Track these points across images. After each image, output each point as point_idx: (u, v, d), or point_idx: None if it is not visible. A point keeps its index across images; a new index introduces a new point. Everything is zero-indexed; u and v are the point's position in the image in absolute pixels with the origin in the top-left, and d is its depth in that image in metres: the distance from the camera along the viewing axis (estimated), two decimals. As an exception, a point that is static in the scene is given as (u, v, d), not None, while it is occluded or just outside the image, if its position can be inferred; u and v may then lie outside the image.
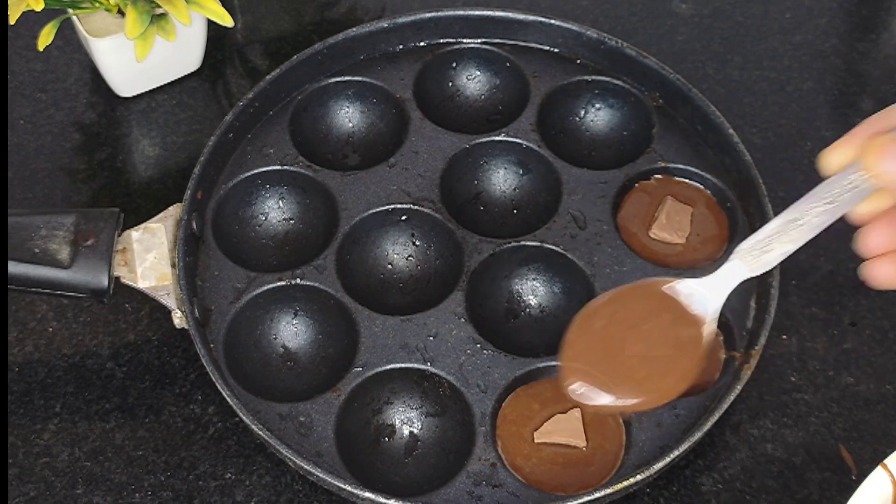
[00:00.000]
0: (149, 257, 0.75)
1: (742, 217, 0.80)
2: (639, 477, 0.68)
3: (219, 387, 0.70)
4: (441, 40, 0.90)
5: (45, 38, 0.82)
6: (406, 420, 0.74)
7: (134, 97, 0.92)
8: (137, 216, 0.78)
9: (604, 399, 0.59)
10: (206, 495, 0.72)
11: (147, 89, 0.92)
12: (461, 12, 0.89)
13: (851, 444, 0.74)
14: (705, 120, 0.83)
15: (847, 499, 0.59)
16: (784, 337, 0.79)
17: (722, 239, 0.80)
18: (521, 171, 0.84)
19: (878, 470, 0.59)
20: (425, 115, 0.85)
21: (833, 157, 0.55)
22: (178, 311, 0.74)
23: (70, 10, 0.85)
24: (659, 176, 0.83)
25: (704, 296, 0.59)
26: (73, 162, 0.89)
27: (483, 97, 0.90)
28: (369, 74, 0.87)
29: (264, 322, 0.77)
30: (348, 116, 0.88)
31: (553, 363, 0.73)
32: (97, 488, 0.72)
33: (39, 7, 0.78)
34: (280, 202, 0.82)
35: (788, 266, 0.81)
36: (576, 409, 0.72)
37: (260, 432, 0.68)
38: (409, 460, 0.73)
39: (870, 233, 0.56)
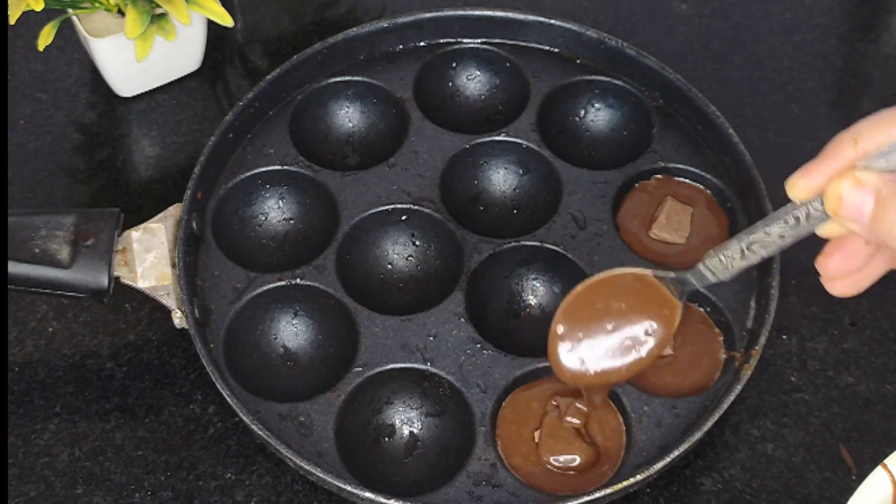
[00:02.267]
0: (149, 257, 0.75)
1: (742, 217, 0.80)
2: (639, 477, 0.68)
3: (219, 387, 0.70)
4: (441, 40, 0.90)
5: (45, 38, 0.82)
6: (406, 420, 0.74)
7: (134, 97, 0.92)
8: (137, 216, 0.78)
9: (573, 356, 0.65)
10: (206, 495, 0.72)
11: (147, 89, 0.92)
12: (461, 12, 0.89)
13: (851, 444, 0.74)
14: (705, 120, 0.83)
15: (847, 499, 0.59)
16: (784, 337, 0.79)
17: (722, 239, 0.80)
18: (521, 171, 0.84)
19: (878, 470, 0.59)
20: (425, 115, 0.85)
21: (800, 187, 0.55)
22: (178, 311, 0.74)
23: (70, 10, 0.85)
24: (659, 176, 0.83)
25: (678, 287, 0.64)
26: (73, 162, 0.89)
27: (483, 97, 0.90)
28: (369, 74, 0.87)
29: (264, 322, 0.77)
30: (348, 116, 0.88)
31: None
32: (97, 488, 0.72)
33: (39, 7, 0.78)
34: (280, 202, 0.82)
35: (788, 266, 0.81)
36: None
37: (260, 432, 0.68)
38: (409, 460, 0.73)
39: (828, 260, 0.57)
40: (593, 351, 0.65)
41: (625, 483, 0.67)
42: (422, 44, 0.89)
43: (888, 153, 0.52)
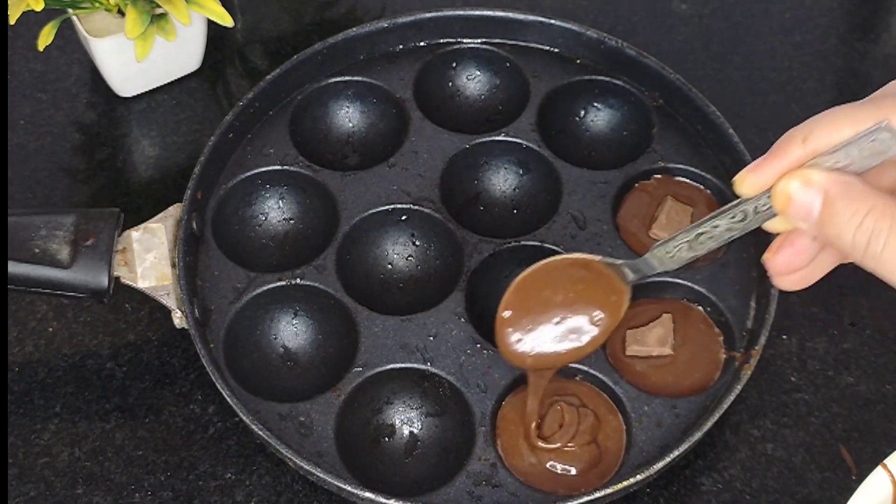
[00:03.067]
0: (149, 257, 0.75)
1: (742, 217, 0.80)
2: (639, 477, 0.68)
3: (219, 387, 0.70)
4: (441, 40, 0.90)
5: (45, 38, 0.82)
6: (406, 420, 0.74)
7: (134, 97, 0.92)
8: (137, 216, 0.78)
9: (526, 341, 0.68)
10: (206, 495, 0.72)
11: (147, 89, 0.92)
12: (461, 12, 0.89)
13: (851, 444, 0.74)
14: (705, 120, 0.83)
15: (847, 499, 0.59)
16: (784, 337, 0.79)
17: (722, 239, 0.80)
18: (521, 171, 0.84)
19: (878, 470, 0.59)
20: (425, 115, 0.85)
21: (748, 183, 0.55)
22: (178, 311, 0.74)
23: (70, 10, 0.85)
24: (659, 176, 0.83)
25: (627, 274, 0.65)
26: (73, 162, 0.89)
27: (483, 97, 0.90)
28: (369, 74, 0.87)
29: (264, 322, 0.77)
30: (348, 116, 0.88)
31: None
32: (97, 488, 0.72)
33: (39, 7, 0.78)
34: (280, 202, 0.82)
35: (788, 266, 0.81)
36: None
37: (260, 432, 0.68)
38: (409, 460, 0.73)
39: (776, 256, 0.57)
40: (538, 336, 0.66)
41: (625, 483, 0.67)
42: (422, 44, 0.89)
43: (837, 151, 0.52)
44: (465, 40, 0.90)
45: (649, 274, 0.64)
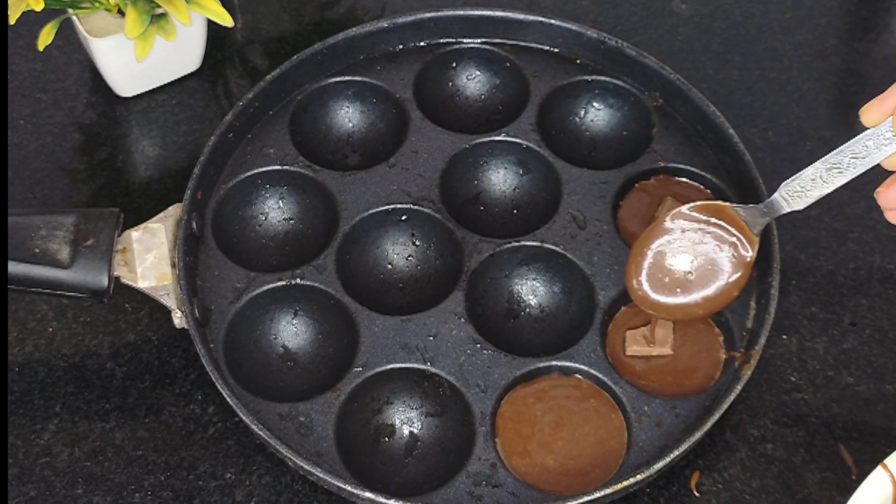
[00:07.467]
0: (149, 257, 0.75)
1: (742, 217, 0.80)
2: (639, 477, 0.68)
3: (219, 387, 0.70)
4: (441, 40, 0.90)
5: (45, 38, 0.82)
6: (406, 420, 0.74)
7: (134, 97, 0.92)
8: (137, 216, 0.78)
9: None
10: (206, 495, 0.72)
11: (147, 89, 0.92)
12: (461, 12, 0.89)
13: (851, 444, 0.74)
14: (705, 120, 0.83)
15: (847, 499, 0.59)
16: (784, 337, 0.79)
17: (722, 239, 0.80)
18: (521, 171, 0.84)
19: (878, 470, 0.59)
20: (425, 115, 0.85)
21: (871, 113, 0.60)
22: (178, 311, 0.74)
23: (70, 10, 0.85)
24: (659, 176, 0.83)
25: (751, 221, 0.70)
26: (73, 162, 0.89)
27: (483, 97, 0.90)
28: (369, 74, 0.87)
29: (264, 322, 0.77)
30: (348, 116, 0.88)
31: (553, 363, 0.74)
32: (97, 488, 0.72)
33: (39, 7, 0.78)
34: (280, 202, 0.82)
35: (788, 266, 0.81)
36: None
37: (260, 432, 0.68)
38: (409, 460, 0.73)
39: (888, 190, 0.62)
40: (672, 285, 0.70)
41: (625, 483, 0.67)
42: (422, 44, 0.89)
43: None
44: (465, 40, 0.90)
45: (776, 216, 0.68)
